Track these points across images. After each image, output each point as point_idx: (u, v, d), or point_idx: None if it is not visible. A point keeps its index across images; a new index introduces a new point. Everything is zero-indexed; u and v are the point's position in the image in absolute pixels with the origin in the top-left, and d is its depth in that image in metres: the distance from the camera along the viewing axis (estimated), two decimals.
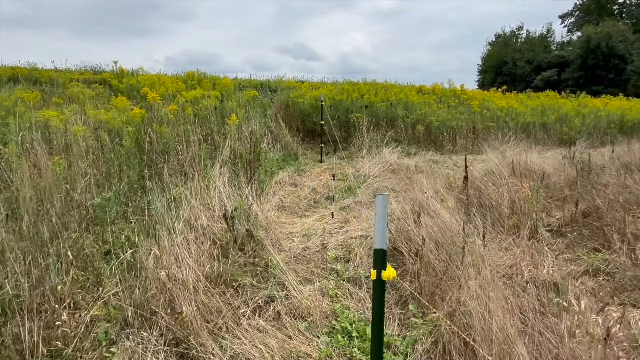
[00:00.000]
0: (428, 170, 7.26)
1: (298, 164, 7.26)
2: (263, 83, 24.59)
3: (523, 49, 46.16)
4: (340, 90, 10.01)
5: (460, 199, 5.12)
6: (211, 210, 3.87)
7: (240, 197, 4.36)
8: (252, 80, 25.31)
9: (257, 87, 23.69)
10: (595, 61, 37.85)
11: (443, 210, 4.22)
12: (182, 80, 10.30)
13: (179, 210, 3.86)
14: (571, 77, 39.50)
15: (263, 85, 24.28)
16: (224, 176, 4.71)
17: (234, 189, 4.61)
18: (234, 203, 4.12)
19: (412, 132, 9.12)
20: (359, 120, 8.64)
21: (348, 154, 8.30)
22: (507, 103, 11.19)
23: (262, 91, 22.84)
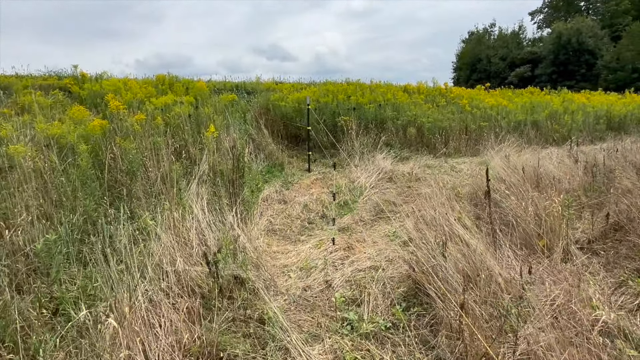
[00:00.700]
0: (427, 177, 6.69)
1: (285, 175, 6.55)
2: (239, 85, 23.65)
3: (496, 46, 46.69)
4: (325, 92, 9.34)
5: (476, 214, 4.54)
6: (188, 247, 3.13)
7: (224, 224, 3.63)
8: (227, 82, 24.31)
9: (232, 89, 22.77)
10: (567, 57, 38.53)
11: (462, 230, 3.61)
12: (152, 84, 9.42)
13: (149, 247, 3.11)
14: (544, 72, 40.11)
15: (239, 87, 23.35)
16: (202, 199, 3.97)
17: (215, 213, 3.87)
18: (216, 234, 3.40)
19: (403, 135, 8.55)
20: (347, 123, 7.99)
21: (338, 161, 7.64)
22: (496, 101, 10.78)
23: (239, 93, 21.94)
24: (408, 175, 6.81)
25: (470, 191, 5.58)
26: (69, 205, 3.63)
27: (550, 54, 40.01)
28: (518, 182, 5.34)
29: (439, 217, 4.31)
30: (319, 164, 7.75)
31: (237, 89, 22.94)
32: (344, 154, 7.81)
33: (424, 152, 8.50)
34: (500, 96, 12.47)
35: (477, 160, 8.25)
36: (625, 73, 34.18)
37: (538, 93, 14.23)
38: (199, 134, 6.28)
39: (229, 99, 8.27)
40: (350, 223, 4.62)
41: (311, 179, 6.46)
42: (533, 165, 6.07)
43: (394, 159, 7.67)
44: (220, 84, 23.63)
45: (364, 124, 8.40)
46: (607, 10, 47.89)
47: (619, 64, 34.94)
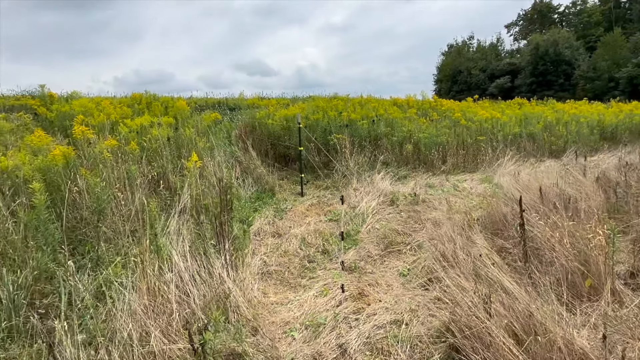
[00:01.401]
0: (430, 199, 6.17)
1: (276, 201, 5.94)
2: (221, 101, 23.01)
3: (476, 58, 47.41)
4: (314, 108, 8.81)
5: (498, 245, 4.00)
6: (167, 312, 2.48)
7: (211, 275, 2.99)
8: (209, 99, 23.62)
9: (214, 105, 22.15)
10: (545, 67, 39.30)
11: (495, 271, 3.05)
12: (128, 104, 8.73)
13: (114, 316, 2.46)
14: (524, 83, 40.78)
15: (221, 103, 22.71)
16: (184, 240, 3.33)
17: (200, 258, 3.23)
18: (202, 290, 2.76)
19: (399, 152, 8.06)
20: (340, 142, 7.46)
21: (332, 182, 7.08)
22: (490, 114, 10.45)
23: (221, 110, 21.29)
24: (410, 197, 6.28)
25: (484, 215, 5.07)
26: (18, 258, 2.94)
27: (528, 65, 40.77)
28: (534, 202, 4.85)
29: (458, 250, 3.77)
30: (311, 186, 7.17)
31: (220, 105, 22.29)
32: (339, 175, 7.25)
33: (421, 169, 8.01)
34: (491, 108, 12.19)
35: (479, 177, 7.81)
36: (602, 82, 34.93)
37: (527, 104, 14.04)
38: (180, 158, 5.64)
39: (212, 118, 7.66)
40: (357, 259, 4.02)
41: (305, 205, 5.86)
42: (545, 184, 5.62)
43: (392, 178, 7.14)
44: (201, 100, 22.96)
45: (358, 141, 7.89)
46: (580, 22, 49.39)
47: (595, 74, 35.72)
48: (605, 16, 47.94)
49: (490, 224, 4.65)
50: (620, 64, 33.81)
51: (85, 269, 3.30)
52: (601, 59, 35.60)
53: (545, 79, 39.40)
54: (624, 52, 34.46)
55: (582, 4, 51.58)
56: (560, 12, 53.37)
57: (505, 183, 6.06)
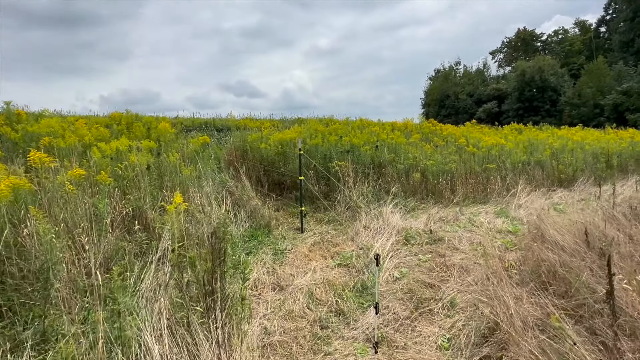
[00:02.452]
0: (448, 237, 5.43)
1: (273, 240, 5.11)
2: (208, 122, 22.18)
3: (463, 83, 47.97)
4: (313, 132, 8.10)
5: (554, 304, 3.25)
6: None
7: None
8: (196, 119, 22.79)
9: (201, 126, 21.33)
10: (532, 93, 39.82)
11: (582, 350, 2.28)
12: (106, 124, 7.90)
13: None
14: (511, 108, 41.18)
15: (208, 124, 21.88)
16: (161, 313, 2.48)
17: (182, 337, 2.39)
18: None
19: (406, 181, 7.35)
20: (343, 169, 6.72)
21: (334, 215, 6.30)
22: (495, 140, 9.91)
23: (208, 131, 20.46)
24: (425, 234, 5.53)
25: (520, 260, 4.34)
26: None
27: (515, 90, 41.27)
28: (576, 247, 4.16)
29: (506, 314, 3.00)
30: (311, 219, 6.37)
31: (207, 126, 21.45)
32: (342, 206, 6.48)
33: (430, 200, 7.31)
34: (493, 133, 11.70)
35: (493, 210, 7.13)
36: (587, 109, 35.41)
37: (528, 130, 13.64)
38: (162, 189, 4.81)
39: (200, 142, 6.87)
40: (381, 324, 3.21)
41: (308, 245, 5.05)
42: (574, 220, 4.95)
43: (401, 211, 6.41)
44: (188, 120, 22.10)
45: (361, 169, 7.17)
46: (562, 50, 50.76)
47: (580, 100, 36.24)
48: (586, 45, 49.40)
49: (533, 275, 3.90)
50: (605, 91, 34.40)
51: (24, 349, 2.42)
52: (586, 86, 36.19)
53: (532, 105, 39.85)
54: (607, 80, 35.14)
55: (563, 33, 53.19)
56: (543, 40, 54.86)
57: (527, 217, 5.37)
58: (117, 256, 3.43)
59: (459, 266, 4.38)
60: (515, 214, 6.90)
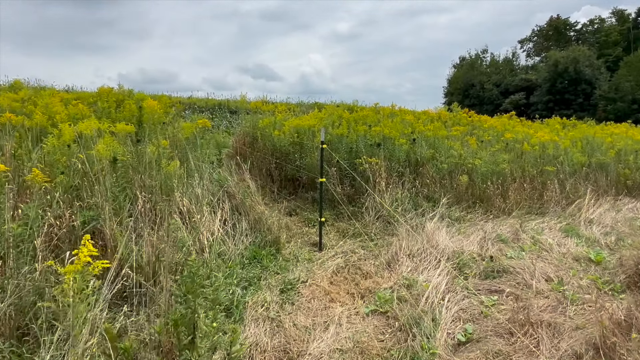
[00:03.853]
0: (513, 266, 4.07)
1: (282, 263, 3.82)
2: (222, 103, 20.86)
3: (489, 72, 45.66)
4: (337, 120, 6.73)
5: None
6: None
7: None
8: (210, 99, 21.50)
9: (214, 107, 20.03)
10: (564, 85, 37.41)
11: None
12: (91, 101, 6.66)
13: None
14: (540, 100, 38.90)
15: (222, 105, 20.56)
16: None
17: None
18: None
19: (449, 184, 5.97)
20: (373, 168, 5.37)
21: (362, 226, 4.98)
22: (549, 136, 8.39)
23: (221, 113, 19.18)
24: (482, 260, 4.20)
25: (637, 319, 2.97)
26: None
27: (546, 82, 38.90)
28: None
29: None
30: (332, 229, 5.07)
31: (220, 107, 20.13)
32: (371, 215, 5.15)
33: (478, 209, 5.92)
34: (543, 128, 10.13)
35: (556, 224, 5.70)
36: (624, 104, 33.04)
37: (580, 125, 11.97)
38: (141, 191, 3.55)
39: (199, 126, 5.57)
40: None
41: (328, 272, 3.75)
42: None
43: (446, 223, 5.06)
44: (201, 101, 20.82)
45: (395, 167, 5.80)
46: (597, 41, 47.74)
47: (617, 95, 33.84)
48: (624, 36, 46.36)
49: None
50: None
51: None
52: (624, 79, 33.73)
53: (563, 98, 37.50)
54: None
55: (599, 23, 50.04)
56: (577, 29, 51.78)
57: (604, 238, 3.97)
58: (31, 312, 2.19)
59: (546, 323, 3.03)
60: (587, 232, 5.48)
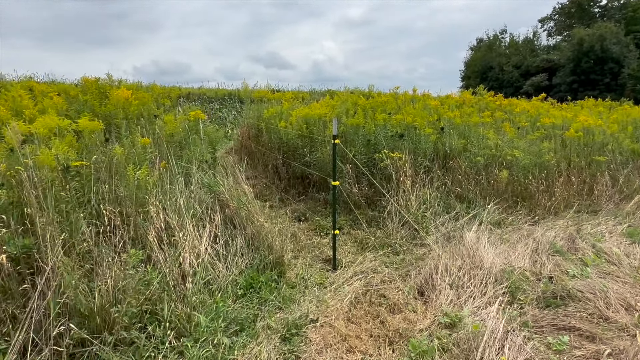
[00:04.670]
0: (578, 288, 3.20)
1: (286, 292, 3.01)
2: (232, 93, 20.05)
3: (509, 54, 43.76)
4: (351, 107, 5.84)
5: None
6: None
7: None
8: (220, 90, 20.70)
9: (224, 97, 19.28)
10: (589, 65, 35.45)
11: None
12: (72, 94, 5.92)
13: None
14: (564, 81, 37.06)
15: (232, 95, 19.75)
16: None
17: None
18: None
19: (486, 181, 5.06)
20: (397, 164, 4.51)
21: (384, 235, 4.15)
22: (592, 120, 7.34)
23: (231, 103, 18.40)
24: (537, 280, 3.34)
25: None
26: None
27: (569, 62, 36.95)
28: None
29: None
30: (348, 239, 4.25)
31: (231, 97, 19.36)
32: (394, 221, 4.31)
33: (520, 209, 5.02)
34: (581, 111, 9.04)
35: (618, 228, 4.75)
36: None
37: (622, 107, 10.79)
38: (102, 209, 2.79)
39: (192, 118, 4.79)
40: None
41: (345, 303, 2.94)
42: None
43: (485, 229, 4.19)
44: (211, 91, 20.06)
45: (421, 161, 4.92)
46: (623, 17, 45.18)
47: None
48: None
49: None
50: None
51: None
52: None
53: (589, 78, 35.56)
54: None
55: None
56: (601, 5, 49.13)
57: None
58: None
59: None
60: None
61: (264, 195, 5.64)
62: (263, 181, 6.22)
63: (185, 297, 2.61)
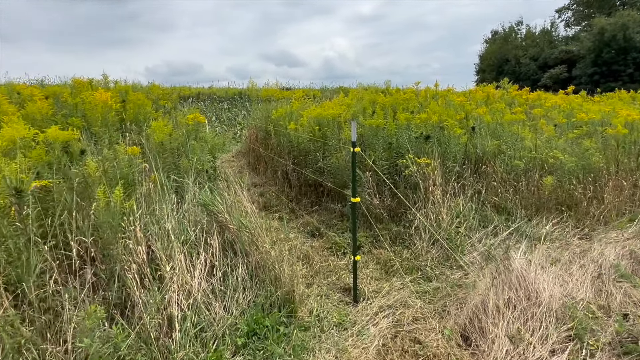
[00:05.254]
0: None
1: (298, 342, 2.43)
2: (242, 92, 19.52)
3: (526, 45, 42.46)
4: (368, 106, 5.22)
5: None
6: None
7: None
8: (230, 89, 20.19)
9: (234, 97, 18.79)
10: (611, 55, 34.04)
11: None
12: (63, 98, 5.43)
13: None
14: (584, 73, 35.71)
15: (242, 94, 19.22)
16: None
17: None
18: None
19: (526, 188, 4.40)
20: (424, 171, 3.89)
21: (412, 255, 3.55)
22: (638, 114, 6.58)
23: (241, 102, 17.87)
24: (606, 315, 2.70)
25: None
26: None
27: (590, 52, 35.58)
28: None
29: None
30: (370, 260, 3.66)
31: (241, 96, 18.87)
32: (422, 239, 3.70)
33: (567, 220, 4.35)
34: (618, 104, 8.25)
35: None
36: None
37: None
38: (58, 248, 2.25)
39: (189, 122, 4.25)
40: None
41: (370, 353, 2.35)
42: None
43: (527, 247, 3.55)
44: (221, 91, 19.60)
45: (451, 167, 4.29)
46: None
47: None
48: None
49: None
50: None
51: None
52: None
53: (610, 69, 34.16)
54: None
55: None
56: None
57: None
58: None
59: None
60: None
61: (272, 206, 5.08)
62: (272, 189, 5.65)
63: (170, 353, 2.06)
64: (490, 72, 44.09)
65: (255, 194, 5.54)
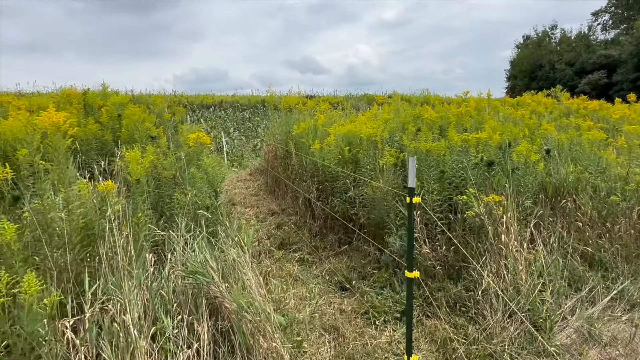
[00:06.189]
0: None
1: None
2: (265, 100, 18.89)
3: (561, 50, 40.45)
4: (411, 121, 4.25)
5: None
6: None
7: None
8: (253, 97, 19.54)
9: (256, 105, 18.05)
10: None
11: None
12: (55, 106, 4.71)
13: None
14: (625, 79, 33.57)
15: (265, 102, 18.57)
16: None
17: None
18: None
19: (625, 231, 3.33)
20: (494, 211, 2.89)
21: (481, 335, 2.56)
22: None
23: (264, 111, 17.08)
24: None
25: None
26: None
27: (633, 57, 33.44)
28: None
29: None
30: (422, 334, 2.69)
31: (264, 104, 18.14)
32: (494, 309, 2.69)
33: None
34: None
35: None
36: None
37: None
38: None
39: (189, 144, 3.42)
40: None
41: None
42: None
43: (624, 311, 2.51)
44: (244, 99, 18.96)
45: (524, 204, 3.27)
46: None
47: None
48: None
49: None
50: None
51: None
52: None
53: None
54: None
55: None
56: None
57: None
58: None
59: None
60: None
61: (292, 243, 4.17)
62: (292, 219, 4.75)
63: None
64: (523, 79, 42.25)
65: (271, 226, 4.65)
